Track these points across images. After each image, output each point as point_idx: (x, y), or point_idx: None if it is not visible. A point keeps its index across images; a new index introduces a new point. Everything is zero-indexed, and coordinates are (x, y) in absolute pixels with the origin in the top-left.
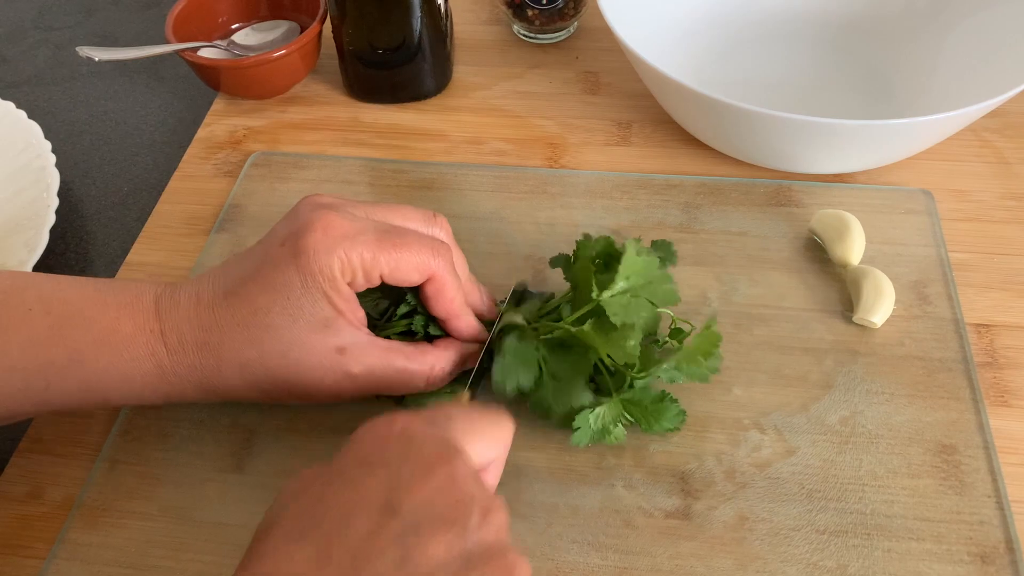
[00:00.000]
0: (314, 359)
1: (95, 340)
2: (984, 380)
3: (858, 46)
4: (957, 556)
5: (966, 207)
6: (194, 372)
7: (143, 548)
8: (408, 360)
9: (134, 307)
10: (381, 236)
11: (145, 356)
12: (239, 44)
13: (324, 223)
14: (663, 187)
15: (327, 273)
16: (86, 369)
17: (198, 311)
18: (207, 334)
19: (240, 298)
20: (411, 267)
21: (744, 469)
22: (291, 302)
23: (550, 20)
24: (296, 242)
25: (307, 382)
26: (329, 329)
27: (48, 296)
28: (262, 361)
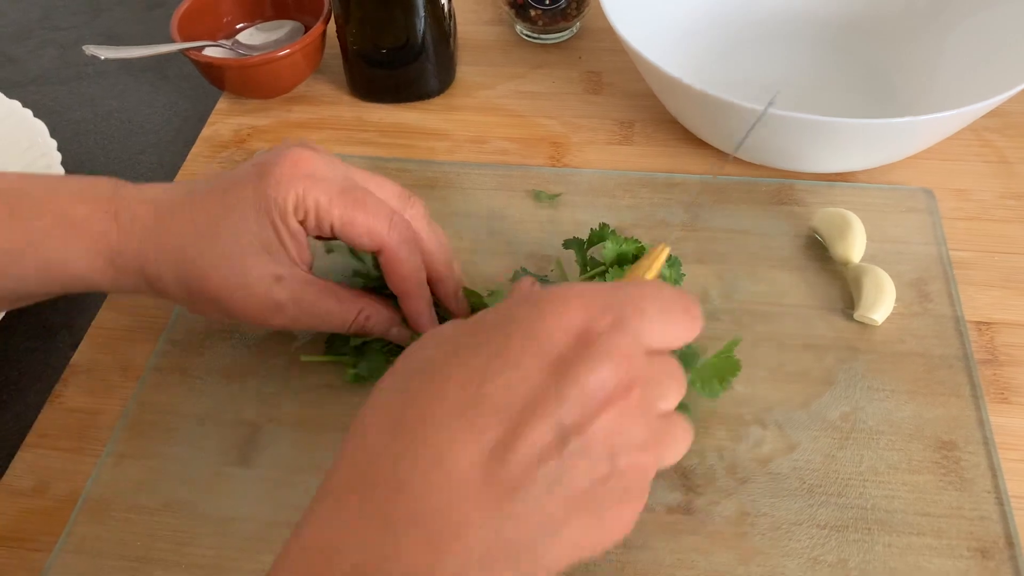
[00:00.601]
0: (248, 279)
1: (52, 222)
2: (984, 377)
3: (859, 46)
4: (957, 551)
5: (967, 206)
6: (138, 258)
7: (148, 542)
8: (339, 302)
9: (91, 192)
10: (344, 189)
11: (98, 235)
12: (244, 44)
13: (296, 158)
14: (665, 186)
15: (280, 204)
16: (41, 251)
17: (157, 203)
18: (158, 223)
19: (198, 200)
20: (363, 229)
21: (745, 464)
22: (242, 220)
23: (553, 20)
24: (264, 167)
25: (236, 299)
26: (270, 256)
27: (6, 186)
28: (197, 265)
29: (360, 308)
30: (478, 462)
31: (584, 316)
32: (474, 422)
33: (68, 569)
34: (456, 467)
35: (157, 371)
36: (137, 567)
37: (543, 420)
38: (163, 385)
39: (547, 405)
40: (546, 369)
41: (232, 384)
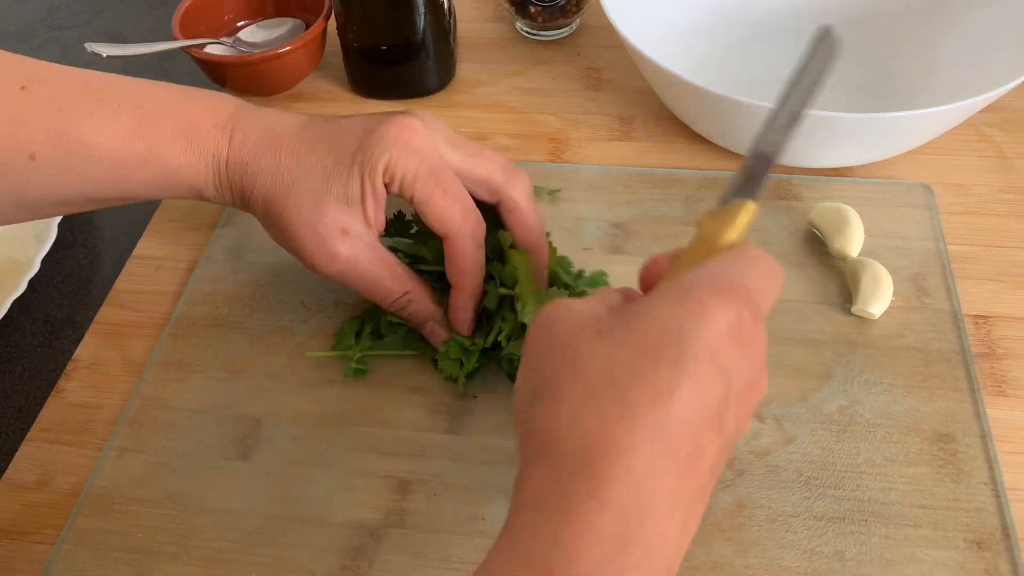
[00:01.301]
0: (318, 220)
1: (174, 133)
2: (981, 370)
3: (859, 43)
4: (953, 542)
5: (965, 201)
6: (238, 170)
7: (150, 535)
8: (392, 276)
9: (215, 109)
10: (433, 169)
11: (211, 149)
12: (245, 41)
13: (403, 124)
14: (665, 181)
15: (372, 162)
16: (162, 159)
17: (274, 126)
18: (268, 144)
19: (311, 137)
20: (436, 213)
21: (743, 457)
22: (336, 165)
23: (552, 17)
24: (375, 124)
25: (299, 234)
26: (346, 208)
27: (139, 94)
28: (286, 195)
29: (407, 289)
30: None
31: (735, 313)
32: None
33: (71, 561)
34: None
35: (159, 366)
36: (139, 559)
37: (719, 430)
38: (165, 380)
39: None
40: (717, 376)
41: (233, 379)
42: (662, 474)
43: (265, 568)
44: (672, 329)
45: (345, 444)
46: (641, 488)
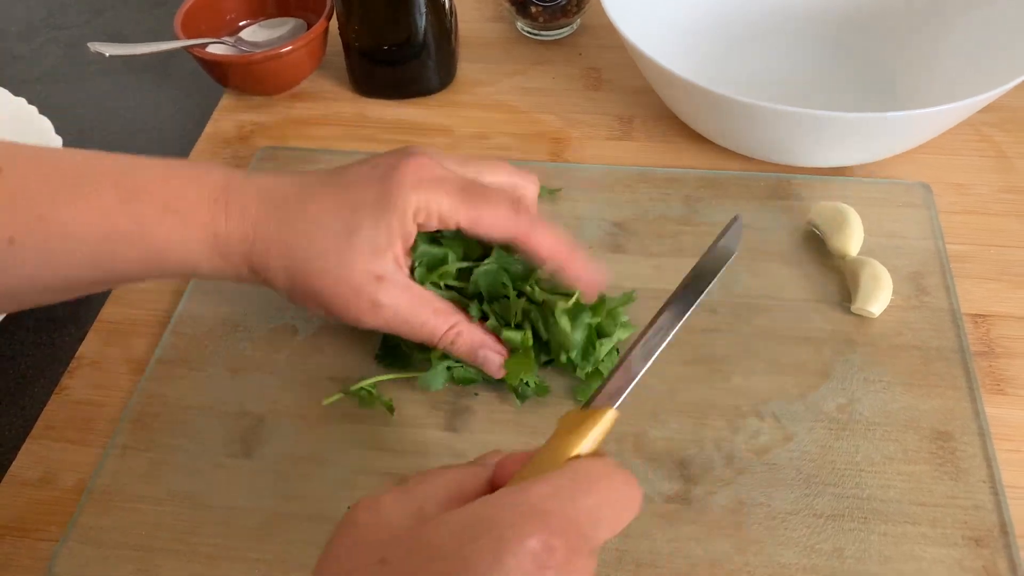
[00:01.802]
0: (351, 275)
1: (161, 207)
2: (980, 369)
3: (858, 43)
4: (952, 539)
5: (964, 200)
6: (246, 244)
7: (153, 531)
8: (435, 313)
9: (202, 180)
10: (463, 188)
11: (206, 223)
12: (246, 41)
13: (419, 163)
14: (664, 180)
15: (401, 205)
16: (149, 237)
17: (271, 191)
18: (271, 212)
19: (312, 194)
20: (490, 223)
21: (743, 455)
22: (357, 217)
23: (553, 17)
24: (388, 168)
25: (336, 294)
26: (377, 257)
27: (119, 170)
28: (307, 258)
29: (453, 323)
30: None
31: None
32: None
33: (75, 558)
34: None
35: (162, 364)
36: (143, 556)
37: None
38: (168, 378)
39: None
40: None
41: (236, 377)
42: None
43: (267, 564)
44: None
45: (346, 441)
46: None
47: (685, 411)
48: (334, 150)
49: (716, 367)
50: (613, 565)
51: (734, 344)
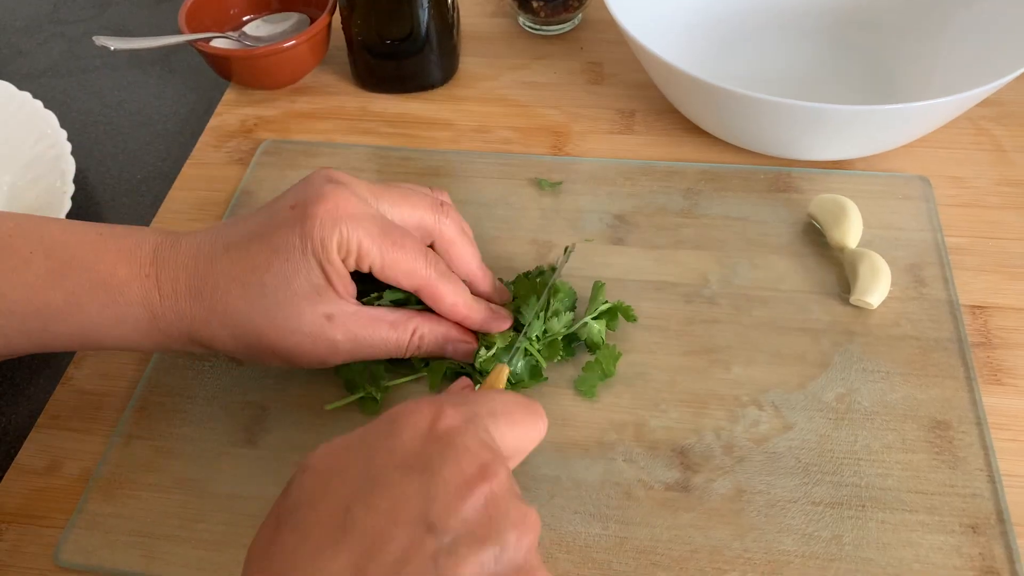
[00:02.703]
0: (301, 323)
1: (92, 284)
2: (978, 359)
3: (858, 37)
4: (949, 527)
5: (962, 193)
6: (184, 320)
7: (158, 519)
8: (392, 326)
9: (132, 253)
10: (384, 230)
11: (139, 300)
12: (250, 35)
13: (336, 198)
14: (665, 174)
15: (326, 244)
16: (82, 312)
17: (196, 261)
18: (202, 283)
19: (240, 252)
20: (402, 271)
21: (742, 444)
22: (288, 264)
23: (555, 12)
24: (306, 208)
25: (292, 345)
26: (319, 297)
27: (50, 240)
28: (251, 317)
29: (413, 328)
30: None
31: (433, 416)
32: (338, 549)
33: (81, 545)
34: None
35: (166, 354)
36: (147, 543)
37: (400, 522)
38: (172, 367)
39: (407, 506)
40: (404, 475)
41: (239, 366)
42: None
43: None
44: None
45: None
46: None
47: (685, 401)
48: (337, 143)
49: (716, 357)
50: (614, 552)
51: (734, 335)
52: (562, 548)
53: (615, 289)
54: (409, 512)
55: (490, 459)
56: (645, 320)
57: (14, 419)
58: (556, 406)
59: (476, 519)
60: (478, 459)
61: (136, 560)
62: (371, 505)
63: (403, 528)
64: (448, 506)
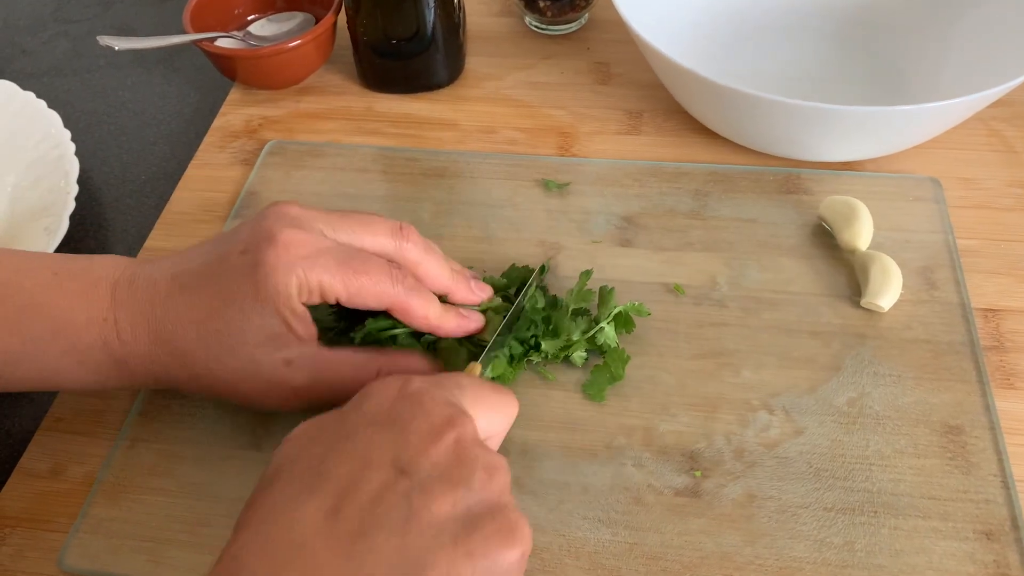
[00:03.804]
0: (259, 370)
1: (50, 330)
2: (990, 363)
3: (867, 37)
4: (963, 534)
5: (974, 195)
6: (145, 363)
7: (163, 523)
8: (354, 369)
9: (88, 295)
10: (342, 262)
11: (99, 345)
12: (255, 35)
13: (286, 240)
14: (674, 175)
15: (283, 291)
16: (42, 358)
17: (152, 303)
18: (160, 326)
19: (194, 296)
20: (370, 295)
21: (753, 448)
22: (243, 313)
23: (561, 12)
24: (256, 254)
25: (251, 390)
26: (276, 343)
27: (3, 284)
28: (207, 363)
29: (376, 370)
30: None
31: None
32: (314, 493)
33: (85, 549)
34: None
35: None
36: (152, 547)
37: (372, 467)
38: None
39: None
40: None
41: None
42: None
43: None
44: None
45: None
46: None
47: (695, 405)
48: (342, 144)
49: (726, 361)
50: (623, 558)
51: (744, 338)
52: (571, 554)
53: (623, 292)
54: (381, 457)
55: (456, 413)
56: (654, 323)
57: (17, 422)
58: (564, 410)
59: (445, 461)
60: (445, 412)
61: (141, 565)
62: (345, 453)
63: (375, 471)
64: (418, 450)
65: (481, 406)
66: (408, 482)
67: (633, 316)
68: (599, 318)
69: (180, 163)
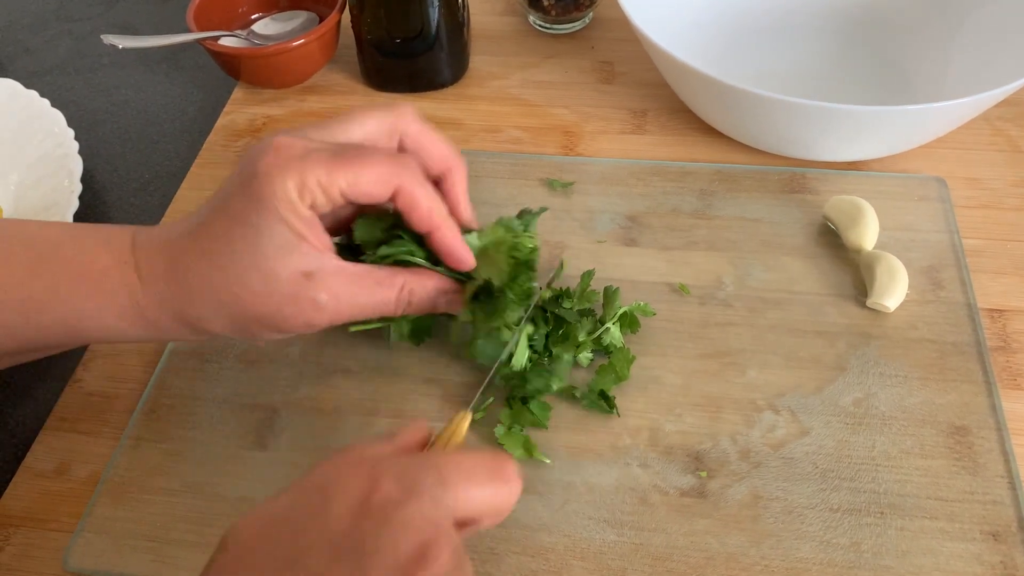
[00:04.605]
0: (279, 285)
1: (73, 274)
2: (997, 363)
3: (872, 36)
4: (969, 535)
5: (979, 194)
6: (167, 302)
7: (167, 523)
8: (378, 283)
9: (111, 243)
10: (336, 153)
11: (120, 289)
12: (259, 34)
13: (277, 146)
14: (678, 174)
15: (281, 195)
16: (64, 303)
17: (169, 244)
18: (176, 263)
19: (203, 227)
20: (371, 180)
21: (758, 449)
22: (248, 227)
23: (565, 10)
24: (251, 168)
25: (274, 310)
26: (292, 254)
27: (30, 235)
28: (228, 287)
29: (401, 284)
30: None
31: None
32: None
33: (90, 548)
34: None
35: (176, 355)
36: (157, 547)
37: None
38: (181, 369)
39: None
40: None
41: (249, 369)
42: None
43: None
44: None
45: (360, 433)
46: None
47: (700, 405)
48: None
49: (731, 361)
50: (629, 558)
51: (749, 338)
52: (576, 555)
53: (627, 291)
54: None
55: (432, 537)
56: (659, 323)
57: (22, 421)
58: (569, 410)
59: None
60: (418, 538)
61: (146, 565)
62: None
63: None
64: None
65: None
66: None
67: (638, 316)
68: (604, 318)
69: (184, 162)
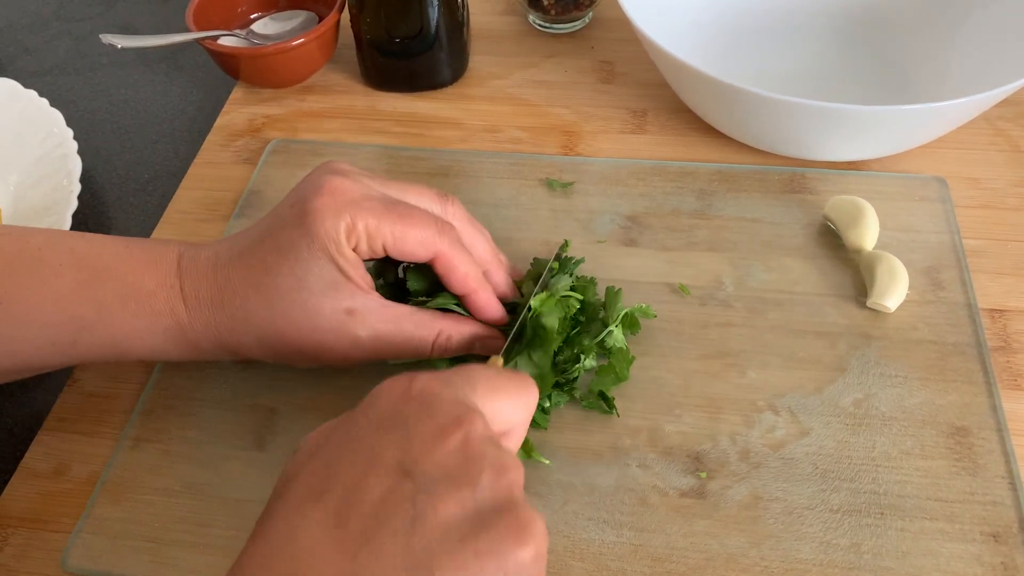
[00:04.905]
0: (322, 321)
1: (121, 295)
2: (997, 364)
3: (872, 36)
4: (970, 535)
5: (979, 194)
6: (210, 328)
7: (166, 523)
8: (416, 327)
9: (158, 264)
10: (388, 206)
11: (166, 311)
12: (258, 33)
13: (332, 187)
14: (678, 174)
15: (332, 236)
16: (112, 323)
17: (215, 270)
18: (222, 292)
19: (251, 258)
20: (415, 241)
21: (758, 449)
22: (298, 264)
23: (565, 10)
24: (304, 204)
25: (315, 344)
26: (337, 292)
27: (80, 253)
28: (272, 321)
29: (439, 330)
30: (325, 530)
31: (408, 381)
32: (319, 501)
33: (88, 549)
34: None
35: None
36: (156, 548)
37: (377, 472)
38: (180, 370)
39: (382, 456)
40: (381, 433)
41: (248, 369)
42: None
43: None
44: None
45: None
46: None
47: (700, 406)
48: (345, 143)
49: (731, 361)
50: (628, 559)
51: (749, 338)
52: (576, 555)
53: (628, 292)
54: (385, 462)
55: (464, 411)
56: (659, 323)
57: (20, 421)
58: (569, 411)
59: (451, 462)
60: (452, 411)
61: (144, 565)
62: (349, 458)
63: (379, 476)
64: (423, 452)
65: (496, 398)
66: (413, 485)
67: (639, 318)
68: (607, 320)
69: (183, 162)
